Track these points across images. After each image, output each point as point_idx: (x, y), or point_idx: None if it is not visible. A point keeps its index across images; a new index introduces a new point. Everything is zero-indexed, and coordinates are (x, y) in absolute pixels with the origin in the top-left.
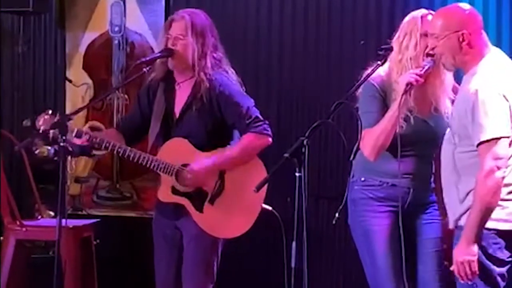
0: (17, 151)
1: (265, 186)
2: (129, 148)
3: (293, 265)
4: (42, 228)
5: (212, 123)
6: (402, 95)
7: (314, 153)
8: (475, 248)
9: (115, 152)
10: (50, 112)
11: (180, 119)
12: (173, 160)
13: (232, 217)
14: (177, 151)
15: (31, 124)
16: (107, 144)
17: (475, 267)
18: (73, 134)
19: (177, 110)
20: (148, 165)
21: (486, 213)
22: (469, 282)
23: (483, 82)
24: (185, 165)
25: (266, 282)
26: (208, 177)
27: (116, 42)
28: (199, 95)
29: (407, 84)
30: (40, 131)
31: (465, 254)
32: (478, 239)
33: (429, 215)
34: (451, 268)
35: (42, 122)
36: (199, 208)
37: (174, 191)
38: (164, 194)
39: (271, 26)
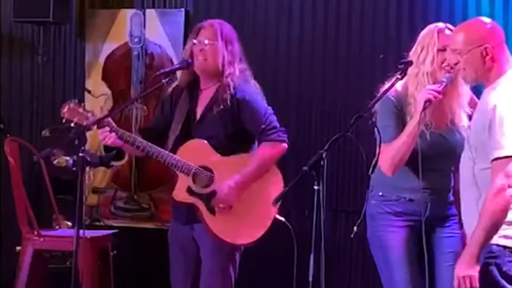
0: (36, 161)
1: None
2: (149, 144)
3: (310, 278)
4: (60, 238)
5: (232, 127)
6: (421, 112)
7: (332, 166)
8: (478, 264)
9: (135, 146)
10: (76, 101)
11: (200, 120)
12: (192, 160)
13: (244, 224)
14: (196, 152)
15: (50, 134)
16: (128, 138)
17: (476, 282)
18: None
19: (199, 112)
20: (166, 163)
21: (492, 230)
22: None
23: (502, 98)
24: (202, 167)
25: None
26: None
27: (136, 53)
28: (221, 98)
29: (425, 102)
30: (63, 119)
31: (467, 269)
32: (480, 255)
33: (449, 229)
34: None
35: (67, 110)
36: (212, 211)
37: (190, 191)
38: (180, 194)
39: (290, 39)
